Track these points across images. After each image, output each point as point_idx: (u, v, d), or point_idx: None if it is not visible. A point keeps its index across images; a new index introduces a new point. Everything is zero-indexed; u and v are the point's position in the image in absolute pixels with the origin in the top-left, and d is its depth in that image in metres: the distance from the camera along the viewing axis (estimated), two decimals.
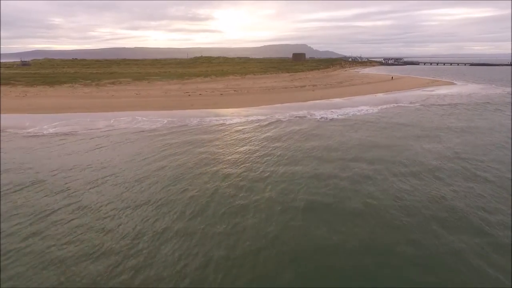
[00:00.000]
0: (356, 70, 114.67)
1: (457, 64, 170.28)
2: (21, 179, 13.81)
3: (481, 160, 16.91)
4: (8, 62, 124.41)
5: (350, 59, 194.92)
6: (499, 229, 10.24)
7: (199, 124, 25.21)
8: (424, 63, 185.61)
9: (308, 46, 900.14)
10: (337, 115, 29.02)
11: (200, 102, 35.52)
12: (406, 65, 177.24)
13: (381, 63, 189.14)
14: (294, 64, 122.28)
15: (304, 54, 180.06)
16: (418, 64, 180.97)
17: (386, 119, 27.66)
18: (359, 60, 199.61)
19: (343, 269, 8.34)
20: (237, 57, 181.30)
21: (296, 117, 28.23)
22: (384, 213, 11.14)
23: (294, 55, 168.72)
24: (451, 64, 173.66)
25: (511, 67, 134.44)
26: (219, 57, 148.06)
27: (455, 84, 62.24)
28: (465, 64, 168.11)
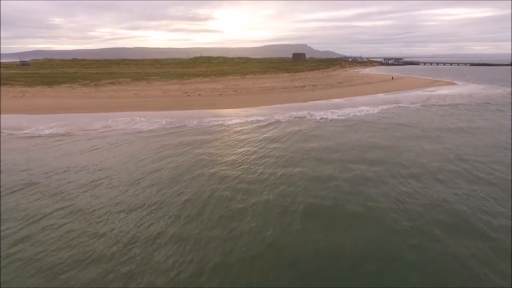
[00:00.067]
0: (356, 70, 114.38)
1: (457, 64, 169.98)
2: (14, 181, 13.55)
3: (483, 161, 16.63)
4: (8, 62, 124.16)
5: (350, 59, 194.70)
6: (503, 234, 9.96)
7: (198, 125, 24.95)
8: (424, 63, 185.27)
9: (308, 46, 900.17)
10: (337, 116, 28.74)
11: (199, 103, 35.27)
12: (406, 65, 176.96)
13: (381, 63, 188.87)
14: (294, 64, 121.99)
15: (304, 54, 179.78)
16: (418, 64, 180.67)
17: (386, 119, 27.38)
18: (359, 60, 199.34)
19: (343, 275, 8.07)
20: (237, 57, 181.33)
21: (296, 117, 27.96)
22: (384, 216, 10.86)
23: (294, 55, 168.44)
24: (451, 64, 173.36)
25: (511, 67, 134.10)
26: (219, 57, 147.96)
27: (456, 84, 61.92)
28: (465, 64, 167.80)
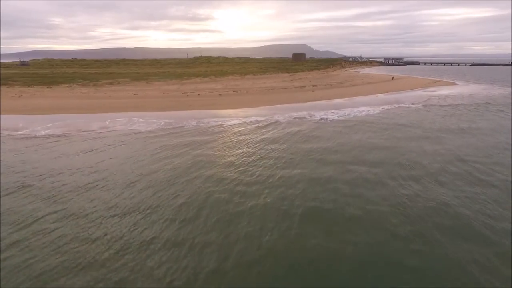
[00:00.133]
0: (357, 70, 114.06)
1: (458, 64, 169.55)
2: (7, 184, 13.28)
3: (484, 162, 16.35)
4: (7, 62, 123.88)
5: (350, 59, 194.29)
6: (505, 238, 9.69)
7: (197, 126, 24.68)
8: (424, 63, 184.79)
9: (308, 46, 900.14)
10: (338, 116, 28.47)
11: (198, 103, 35.00)
12: (406, 65, 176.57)
13: (381, 63, 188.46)
14: (294, 64, 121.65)
15: (304, 54, 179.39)
16: (419, 64, 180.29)
17: (387, 120, 27.11)
18: (359, 60, 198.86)
19: (342, 281, 7.81)
20: (237, 57, 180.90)
21: (296, 118, 27.69)
22: (384, 220, 10.58)
23: (294, 55, 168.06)
24: (451, 64, 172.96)
25: (511, 67, 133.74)
26: (218, 57, 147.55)
27: (457, 84, 61.61)
28: (465, 64, 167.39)
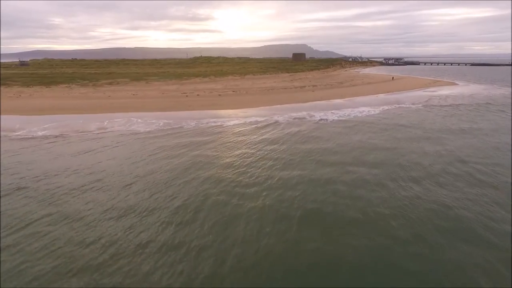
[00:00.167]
0: (357, 70, 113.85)
1: (458, 64, 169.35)
2: (2, 186, 13.08)
3: (485, 163, 16.18)
4: (7, 62, 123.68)
5: (351, 59, 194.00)
6: (507, 241, 9.51)
7: (196, 126, 24.49)
8: (424, 63, 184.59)
9: (308, 46, 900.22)
10: (338, 117, 28.28)
11: (197, 103, 34.81)
12: (406, 65, 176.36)
13: (381, 63, 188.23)
14: (294, 64, 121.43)
15: (304, 54, 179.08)
16: (419, 64, 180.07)
17: (387, 120, 26.92)
18: (360, 60, 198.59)
19: (341, 287, 7.63)
20: (237, 57, 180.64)
21: (295, 118, 27.50)
22: (384, 223, 10.39)
23: (294, 55, 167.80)
24: (451, 64, 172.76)
25: (511, 67, 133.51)
26: (218, 57, 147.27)
27: (457, 84, 61.41)
28: (465, 64, 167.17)
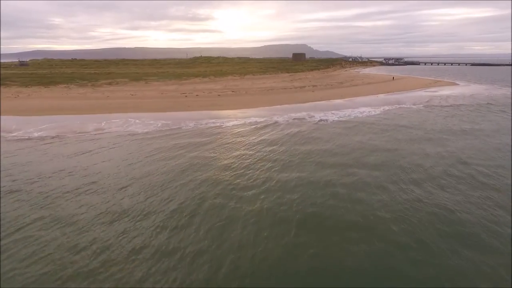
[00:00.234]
0: (357, 70, 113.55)
1: (458, 64, 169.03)
2: None
3: (488, 165, 15.91)
4: (7, 62, 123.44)
5: (351, 59, 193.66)
6: (509, 245, 9.25)
7: (194, 127, 24.22)
8: (424, 63, 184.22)
9: (308, 46, 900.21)
10: (338, 117, 28.01)
11: (197, 104, 34.54)
12: (406, 65, 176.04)
13: (381, 63, 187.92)
14: (294, 64, 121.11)
15: (304, 54, 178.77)
16: (419, 64, 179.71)
17: (388, 121, 26.64)
18: (360, 60, 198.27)
19: None
20: (237, 57, 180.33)
21: (295, 119, 27.22)
22: (385, 228, 10.11)
23: (294, 55, 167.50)
24: (451, 64, 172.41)
25: (511, 67, 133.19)
26: (218, 57, 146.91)
27: (458, 84, 61.11)
28: (466, 64, 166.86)
